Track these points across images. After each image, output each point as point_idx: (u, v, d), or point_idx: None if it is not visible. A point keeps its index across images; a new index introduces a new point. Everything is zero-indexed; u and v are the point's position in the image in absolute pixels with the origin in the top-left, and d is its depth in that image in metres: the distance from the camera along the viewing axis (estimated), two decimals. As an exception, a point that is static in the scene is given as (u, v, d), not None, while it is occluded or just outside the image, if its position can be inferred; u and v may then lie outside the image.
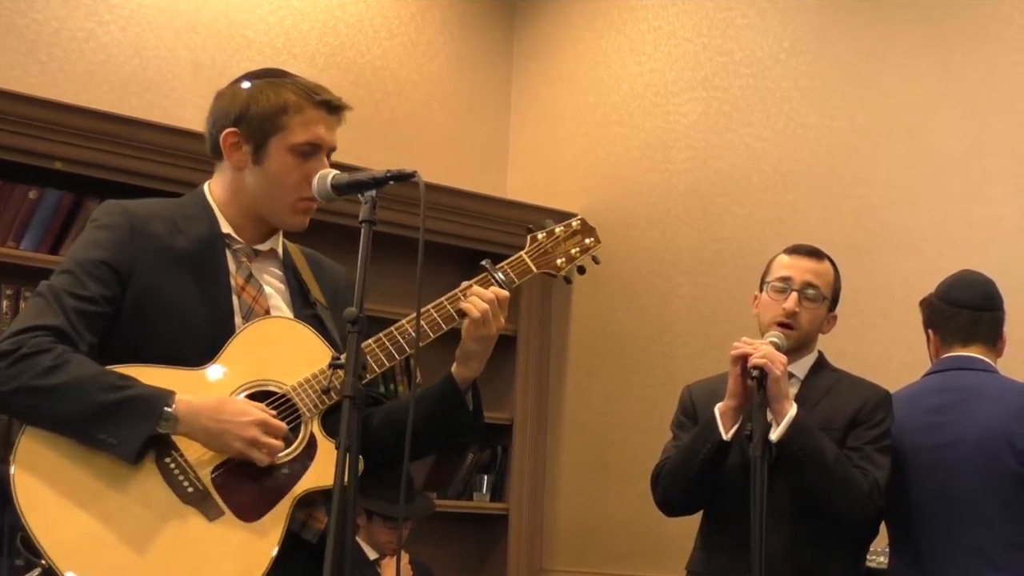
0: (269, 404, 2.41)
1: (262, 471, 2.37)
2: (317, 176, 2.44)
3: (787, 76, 4.96)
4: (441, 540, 5.38)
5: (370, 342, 2.48)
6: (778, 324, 3.26)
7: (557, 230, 2.72)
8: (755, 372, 3.07)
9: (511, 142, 6.01)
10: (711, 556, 3.30)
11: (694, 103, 5.28)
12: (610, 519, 5.34)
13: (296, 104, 2.50)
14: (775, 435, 3.07)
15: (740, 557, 2.96)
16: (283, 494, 2.38)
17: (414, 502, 4.70)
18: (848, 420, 3.24)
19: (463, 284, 2.57)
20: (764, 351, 3.10)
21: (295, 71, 2.66)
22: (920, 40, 4.60)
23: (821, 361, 3.38)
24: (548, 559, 5.56)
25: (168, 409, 2.31)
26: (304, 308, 2.57)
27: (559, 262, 2.71)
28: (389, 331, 2.51)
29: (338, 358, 2.31)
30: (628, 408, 5.34)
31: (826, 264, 3.37)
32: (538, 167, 5.89)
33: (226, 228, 2.53)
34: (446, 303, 2.55)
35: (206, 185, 2.59)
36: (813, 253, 3.37)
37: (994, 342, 3.38)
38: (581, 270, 2.76)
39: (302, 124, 2.50)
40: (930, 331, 3.44)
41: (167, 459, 2.34)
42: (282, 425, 2.38)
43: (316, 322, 2.55)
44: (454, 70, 5.87)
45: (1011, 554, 3.18)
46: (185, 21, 5.15)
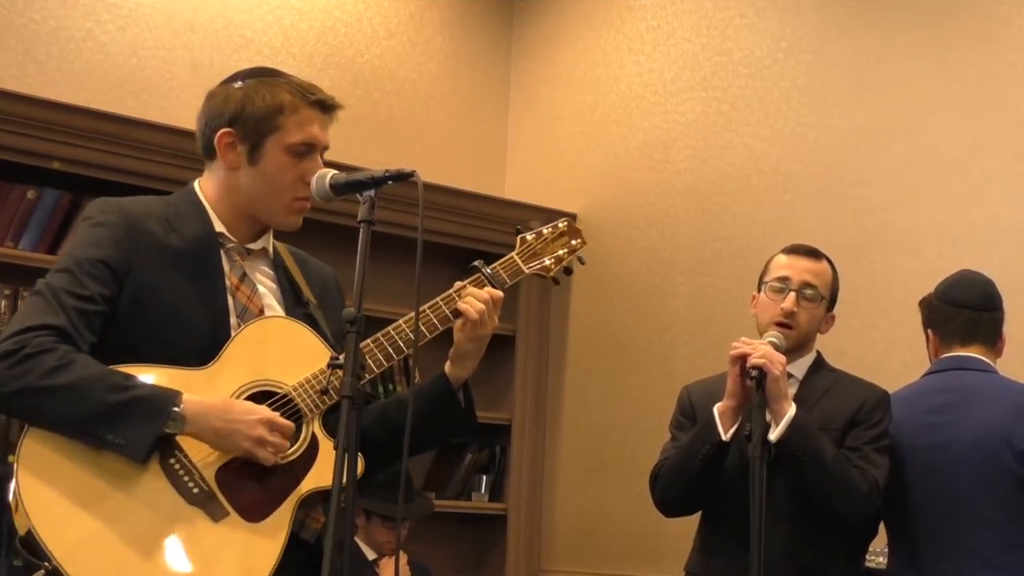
0: (270, 404, 2.40)
1: (265, 471, 2.37)
2: (315, 176, 2.44)
3: (786, 76, 4.96)
4: (440, 540, 5.38)
5: (368, 342, 2.48)
6: (776, 324, 3.26)
7: (545, 231, 2.74)
8: (754, 372, 3.07)
9: (510, 142, 6.01)
10: (709, 556, 3.30)
11: (693, 103, 5.28)
12: (609, 519, 5.34)
13: (292, 104, 2.49)
14: (774, 435, 3.07)
15: (739, 557, 2.95)
16: (287, 494, 2.38)
17: (412, 502, 4.69)
18: (846, 420, 3.23)
19: (456, 284, 2.58)
20: (763, 351, 3.09)
21: (293, 71, 2.65)
22: (919, 40, 4.59)
23: (819, 361, 3.37)
24: (547, 559, 5.56)
25: (176, 409, 2.30)
26: (296, 307, 2.56)
27: (548, 263, 2.72)
28: (386, 331, 2.51)
29: (337, 358, 2.31)
30: (627, 408, 5.34)
31: (824, 264, 3.36)
32: (537, 167, 5.88)
33: (219, 227, 2.52)
34: (442, 304, 2.55)
35: (196, 183, 2.58)
36: (811, 253, 3.37)
37: (993, 342, 3.38)
38: (568, 271, 2.77)
39: (297, 124, 2.49)
40: (929, 331, 3.44)
41: (171, 460, 2.33)
42: (289, 424, 2.38)
43: (309, 321, 2.55)
44: (453, 70, 5.87)
45: (1010, 555, 3.17)
46: (183, 21, 5.14)
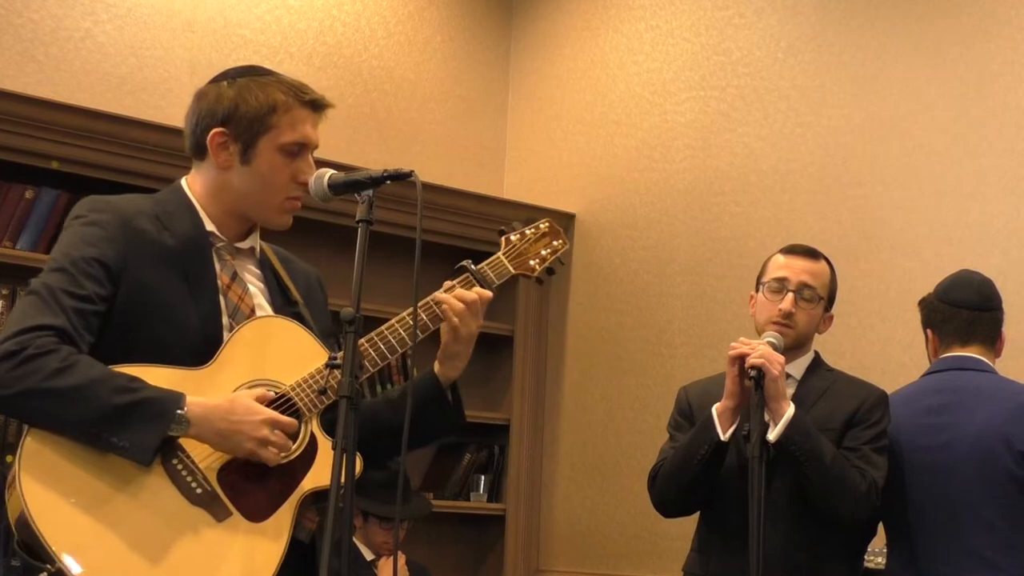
0: (270, 404, 2.39)
1: (266, 471, 2.36)
2: (314, 176, 2.44)
3: (784, 75, 4.96)
4: (438, 540, 5.38)
5: (362, 341, 2.47)
6: (774, 324, 3.26)
7: (528, 231, 2.75)
8: (753, 372, 3.07)
9: (508, 141, 6.01)
10: (708, 557, 3.29)
11: (692, 102, 5.28)
12: (607, 520, 5.34)
13: (285, 103, 2.48)
14: (773, 435, 3.06)
15: (737, 558, 2.95)
16: (288, 494, 2.38)
17: (410, 502, 4.69)
18: (845, 420, 3.22)
19: (445, 284, 2.58)
20: (762, 351, 3.09)
21: (292, 70, 2.65)
22: (916, 40, 4.59)
23: (817, 361, 3.36)
24: (545, 559, 5.56)
25: (180, 412, 2.29)
26: (285, 306, 2.55)
27: (532, 263, 2.74)
28: (379, 330, 2.51)
29: (335, 358, 2.31)
30: (625, 408, 5.34)
31: (822, 264, 3.36)
32: (535, 167, 5.88)
33: (209, 226, 2.51)
34: (433, 304, 2.55)
35: (183, 181, 2.55)
36: (809, 253, 3.36)
37: (993, 342, 3.38)
38: (550, 271, 2.78)
39: (291, 124, 2.48)
40: (929, 331, 3.43)
41: (174, 460, 2.32)
42: (292, 421, 2.37)
43: (299, 320, 2.54)
44: (451, 69, 5.87)
45: (1008, 556, 3.17)
46: (182, 20, 5.14)
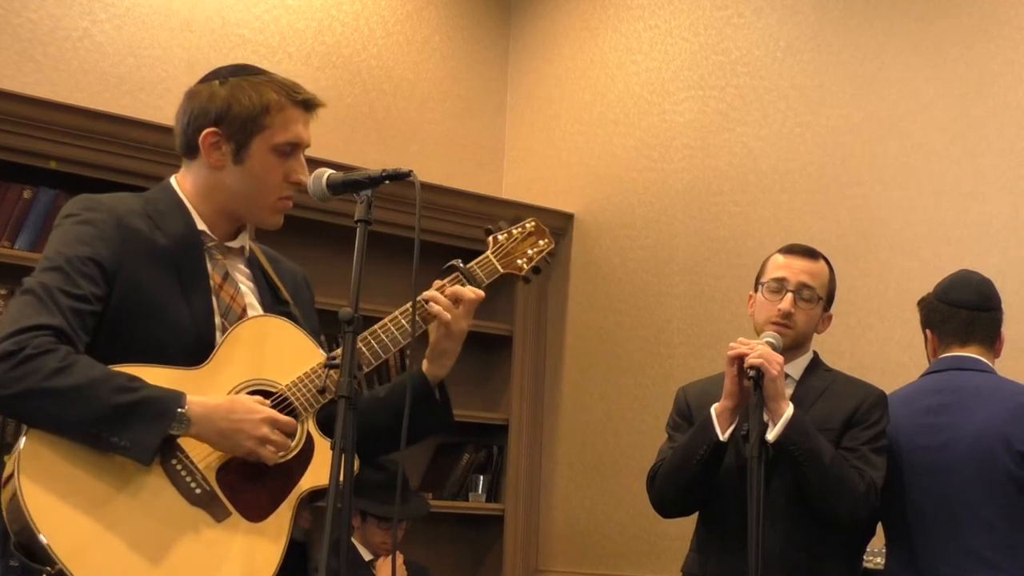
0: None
1: (264, 471, 2.36)
2: (312, 176, 2.44)
3: (783, 75, 4.96)
4: (436, 541, 5.37)
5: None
6: (773, 324, 3.26)
7: (515, 231, 2.76)
8: (752, 372, 3.07)
9: (507, 141, 6.00)
10: (706, 557, 3.29)
11: (690, 102, 5.27)
12: (606, 520, 5.34)
13: (278, 103, 2.47)
14: (772, 435, 3.06)
15: (736, 558, 2.95)
16: (286, 493, 2.38)
17: (409, 502, 4.69)
18: (844, 421, 3.22)
19: (436, 283, 2.59)
20: (761, 351, 3.09)
21: (290, 70, 2.64)
22: (915, 39, 4.59)
23: (816, 361, 3.36)
24: (544, 560, 5.55)
25: (181, 411, 2.28)
26: (275, 305, 2.55)
27: (520, 263, 2.74)
28: (372, 329, 2.51)
29: (333, 358, 2.31)
30: (624, 408, 5.33)
31: (821, 264, 3.36)
32: (534, 166, 5.88)
33: (201, 225, 2.50)
34: (424, 302, 2.56)
35: (173, 179, 2.55)
36: (808, 253, 3.36)
37: (992, 342, 3.37)
38: (537, 270, 2.78)
39: (284, 123, 2.47)
40: (928, 331, 3.43)
41: (173, 460, 2.32)
42: (291, 420, 2.37)
43: (291, 320, 2.54)
44: (450, 69, 5.86)
45: (1007, 556, 3.16)
46: (180, 20, 5.14)
